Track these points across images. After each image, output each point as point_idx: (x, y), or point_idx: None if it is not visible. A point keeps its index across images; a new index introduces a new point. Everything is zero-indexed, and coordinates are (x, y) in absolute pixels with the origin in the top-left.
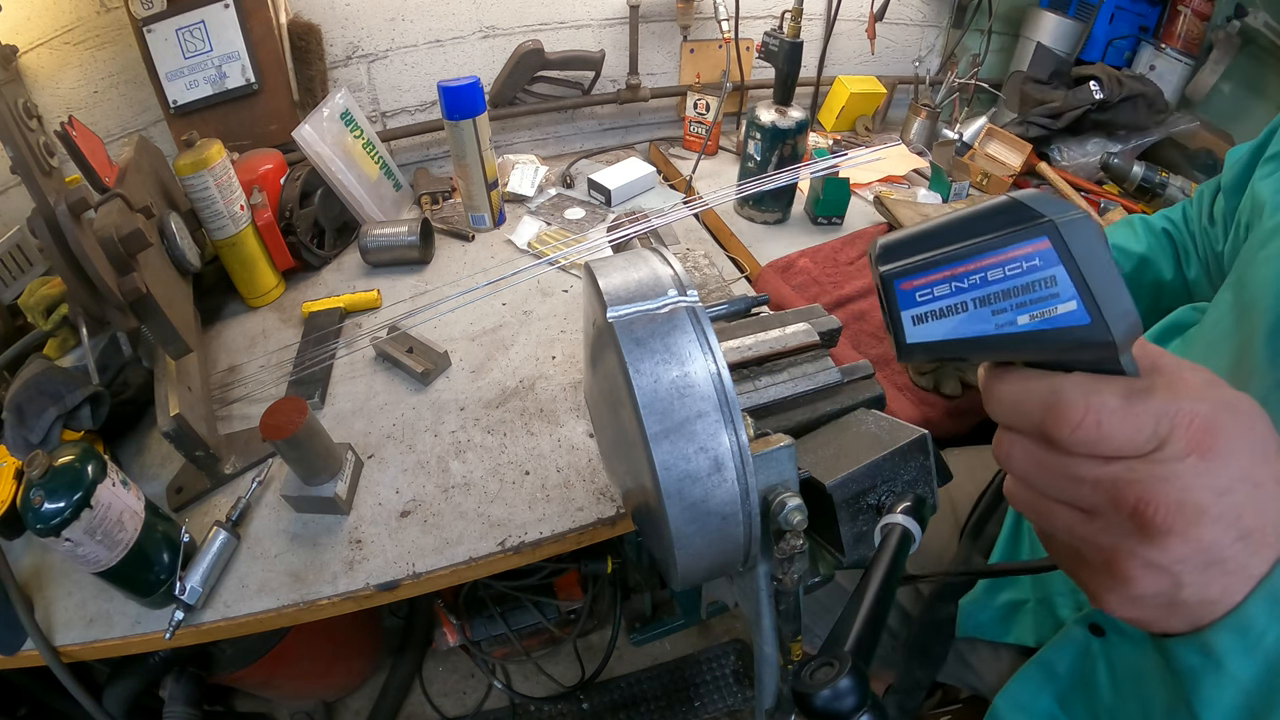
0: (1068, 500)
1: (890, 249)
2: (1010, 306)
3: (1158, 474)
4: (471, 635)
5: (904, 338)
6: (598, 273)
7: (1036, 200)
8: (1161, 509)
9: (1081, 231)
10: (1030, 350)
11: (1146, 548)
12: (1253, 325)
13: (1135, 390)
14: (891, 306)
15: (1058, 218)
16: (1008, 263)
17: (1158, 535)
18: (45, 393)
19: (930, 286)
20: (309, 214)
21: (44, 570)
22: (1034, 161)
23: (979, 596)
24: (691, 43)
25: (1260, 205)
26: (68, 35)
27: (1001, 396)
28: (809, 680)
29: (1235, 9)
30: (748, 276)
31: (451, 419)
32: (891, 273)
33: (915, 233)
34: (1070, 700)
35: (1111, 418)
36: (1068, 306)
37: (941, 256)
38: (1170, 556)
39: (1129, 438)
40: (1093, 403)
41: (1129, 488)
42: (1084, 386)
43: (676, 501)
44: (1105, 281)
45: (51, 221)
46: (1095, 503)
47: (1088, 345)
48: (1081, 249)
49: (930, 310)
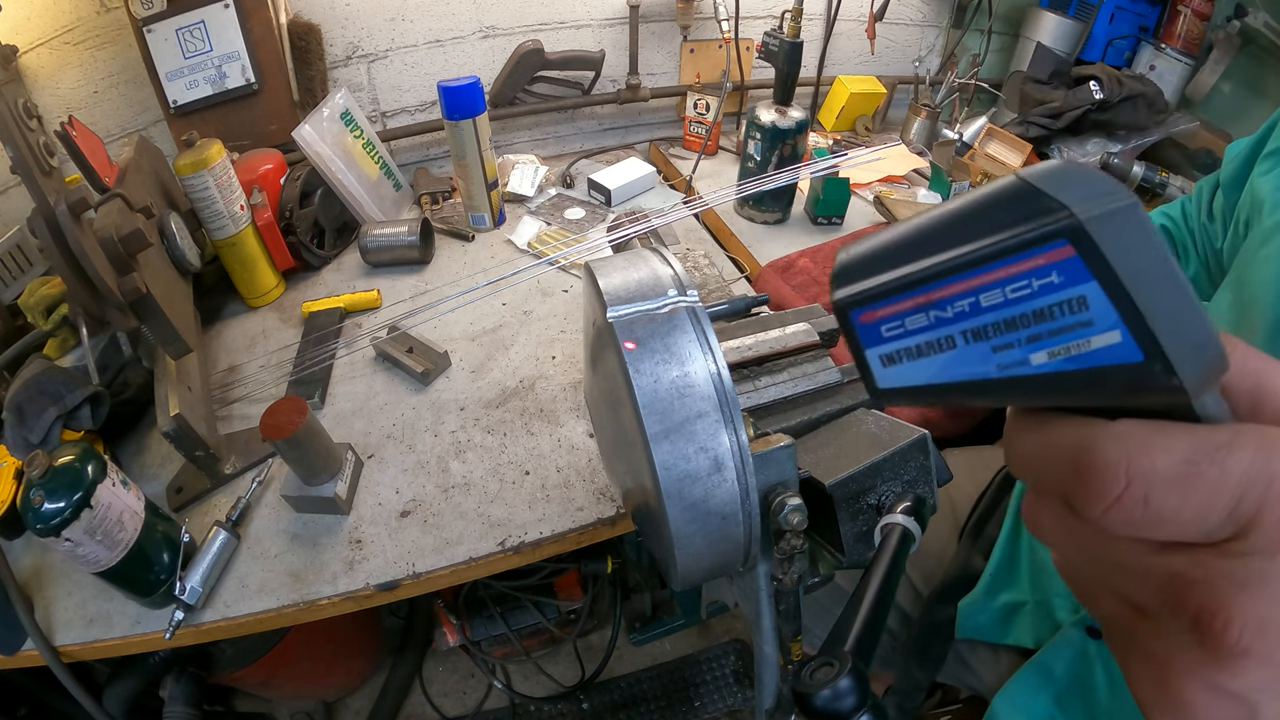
0: (1114, 588)
1: (848, 267)
2: (1018, 341)
3: (1235, 575)
4: (471, 635)
5: (874, 382)
6: (598, 273)
7: (1054, 181)
8: (1236, 624)
9: (1122, 228)
10: (1054, 396)
11: (1213, 670)
12: (1252, 325)
13: (1209, 447)
14: (853, 344)
15: (1082, 209)
16: (1009, 281)
17: (1229, 656)
18: (45, 393)
19: (899, 318)
20: (309, 214)
21: (44, 570)
22: (1034, 161)
23: (978, 598)
24: (691, 43)
25: (1259, 202)
26: (68, 35)
27: (1021, 452)
28: (809, 680)
29: (1235, 9)
30: (748, 276)
31: (451, 419)
32: (845, 301)
33: (883, 241)
34: (1068, 701)
35: (1167, 491)
36: (1108, 339)
37: (911, 277)
38: (1246, 683)
39: (1192, 520)
40: (1139, 467)
41: (1191, 590)
42: (1127, 441)
43: (676, 501)
44: (1166, 299)
45: (51, 221)
46: (1146, 600)
47: (1143, 390)
48: (1125, 254)
49: (904, 348)
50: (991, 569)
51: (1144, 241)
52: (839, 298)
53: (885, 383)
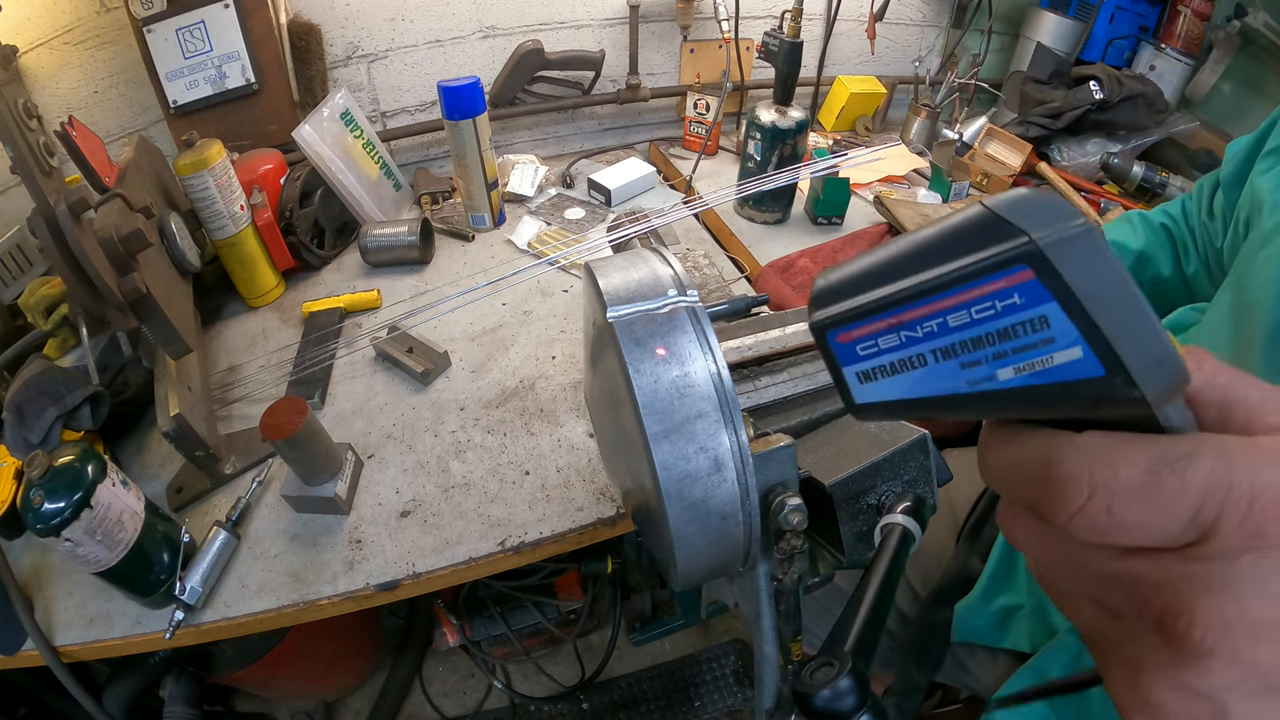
0: (1085, 594)
1: (825, 291)
2: (985, 358)
3: (1197, 577)
4: (471, 635)
5: (851, 398)
6: (598, 273)
7: (1015, 209)
8: (1199, 625)
9: (1078, 251)
10: (1023, 409)
11: (1180, 670)
12: (1252, 328)
13: (1169, 458)
14: (830, 363)
15: (1040, 235)
16: (974, 303)
17: (1194, 656)
18: (45, 393)
19: (872, 338)
20: (309, 214)
21: (44, 570)
22: (1034, 161)
23: (975, 602)
24: (691, 43)
25: (1259, 202)
26: (68, 35)
27: (991, 463)
28: (809, 680)
29: (1235, 9)
30: (748, 276)
31: (451, 419)
32: (822, 323)
33: (858, 267)
34: (1062, 706)
35: (1128, 500)
36: (1069, 354)
37: (882, 300)
38: (1212, 683)
39: (1155, 527)
40: (1100, 478)
41: (1156, 592)
42: (1090, 453)
43: (676, 501)
44: (1124, 316)
45: (51, 221)
46: (1115, 603)
47: (1105, 402)
48: (1082, 275)
49: (878, 366)
50: (989, 572)
51: (1100, 263)
52: (816, 319)
53: (862, 398)
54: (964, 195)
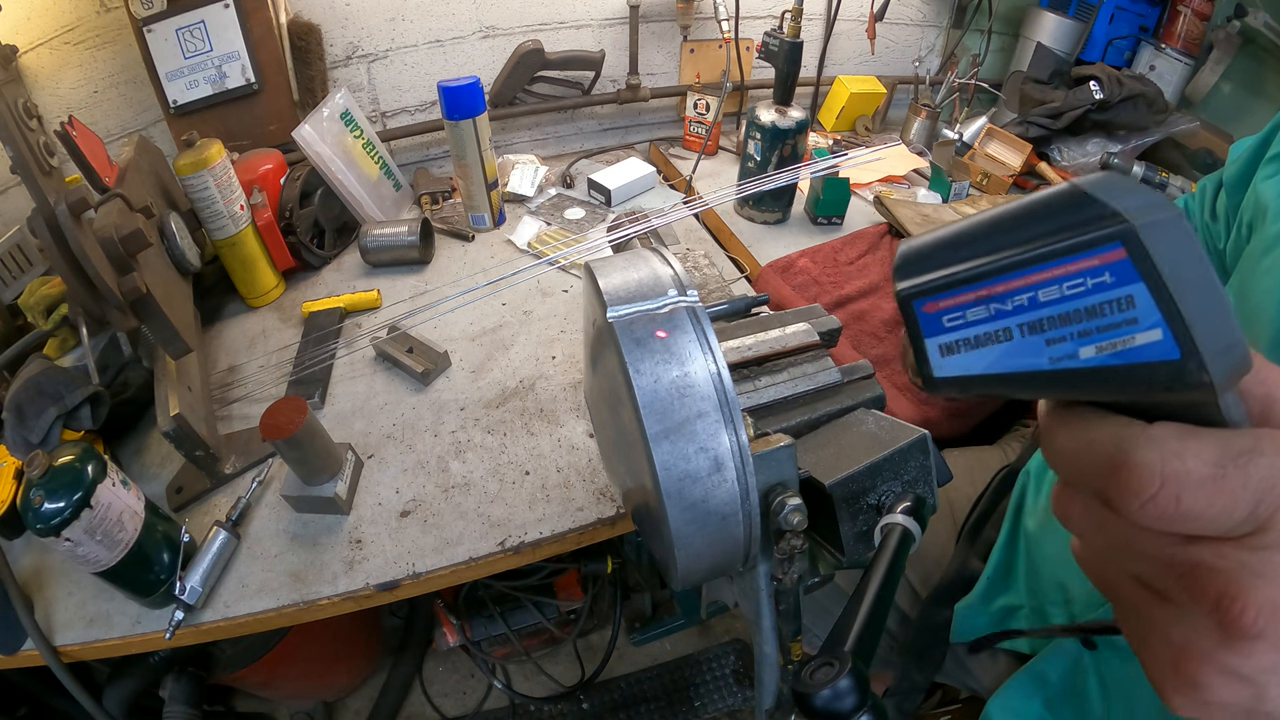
0: (1135, 576)
1: (910, 260)
2: (1070, 335)
3: (1253, 565)
4: (471, 635)
5: (930, 371)
6: (598, 273)
7: (1107, 190)
8: (1252, 609)
9: (1169, 236)
10: (1097, 390)
11: (1227, 652)
12: (1255, 336)
13: (1234, 452)
14: (913, 333)
15: (1138, 218)
16: (1067, 278)
17: (1243, 639)
18: (45, 393)
19: (961, 309)
20: (309, 214)
21: (44, 570)
22: (1034, 161)
23: (974, 602)
24: (691, 43)
25: (1263, 209)
26: (68, 35)
27: (1060, 447)
28: (809, 680)
29: (1235, 9)
30: (748, 276)
31: (451, 419)
32: (909, 292)
33: (943, 237)
34: (1060, 707)
35: (1196, 492)
36: (1149, 336)
37: (974, 271)
38: (1256, 665)
39: (1217, 517)
40: (1172, 470)
41: (1212, 577)
42: (1163, 446)
43: (676, 501)
44: (1203, 303)
45: (51, 221)
46: (1168, 587)
47: (1176, 386)
48: (1171, 260)
49: (963, 339)
50: (988, 573)
51: (1187, 249)
52: (903, 289)
53: (941, 371)
54: (964, 195)
